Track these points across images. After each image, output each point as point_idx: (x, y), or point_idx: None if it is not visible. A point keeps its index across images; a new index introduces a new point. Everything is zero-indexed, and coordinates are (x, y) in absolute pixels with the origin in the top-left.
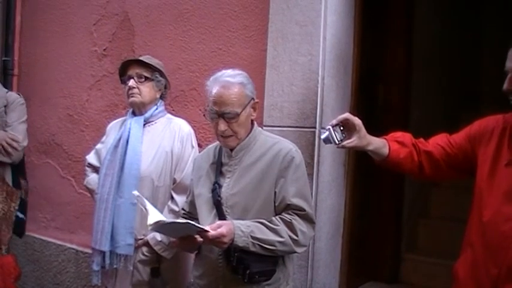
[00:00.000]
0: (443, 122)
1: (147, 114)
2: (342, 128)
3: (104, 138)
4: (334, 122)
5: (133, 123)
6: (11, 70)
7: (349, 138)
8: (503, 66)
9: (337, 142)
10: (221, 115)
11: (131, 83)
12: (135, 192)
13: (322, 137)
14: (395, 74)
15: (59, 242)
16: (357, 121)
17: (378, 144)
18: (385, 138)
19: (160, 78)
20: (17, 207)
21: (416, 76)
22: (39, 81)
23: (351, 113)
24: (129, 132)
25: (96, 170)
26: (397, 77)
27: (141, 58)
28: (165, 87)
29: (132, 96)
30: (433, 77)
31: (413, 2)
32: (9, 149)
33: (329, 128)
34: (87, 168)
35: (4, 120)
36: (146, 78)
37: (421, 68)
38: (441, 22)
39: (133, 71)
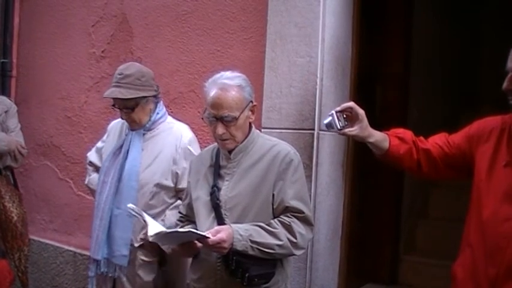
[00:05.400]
0: (441, 123)
1: (146, 126)
2: (345, 116)
3: (105, 137)
4: (338, 108)
5: (134, 134)
6: (9, 72)
7: (351, 127)
8: (502, 67)
9: (339, 128)
10: (219, 119)
11: (123, 115)
12: (130, 205)
13: (325, 122)
14: (394, 75)
15: (57, 244)
16: (360, 111)
17: (378, 137)
18: (386, 133)
19: (148, 97)
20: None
21: (415, 77)
22: (38, 82)
23: None
24: (129, 143)
25: (97, 169)
26: (396, 78)
27: (118, 96)
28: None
29: (129, 124)
30: (431, 77)
31: (412, 2)
32: (18, 156)
33: (332, 114)
34: (88, 167)
35: (6, 125)
36: (132, 108)
37: (419, 68)
38: (440, 23)
39: (116, 102)
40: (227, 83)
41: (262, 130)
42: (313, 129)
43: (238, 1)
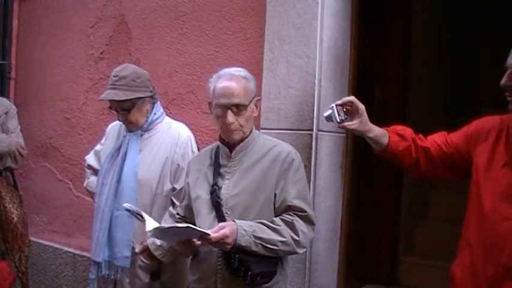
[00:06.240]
0: (441, 123)
1: (143, 127)
2: (345, 110)
3: (103, 140)
4: (339, 102)
5: (132, 135)
6: (8, 73)
7: (350, 121)
8: (502, 68)
9: (338, 121)
10: (229, 107)
11: (119, 117)
12: (126, 205)
13: (325, 114)
14: (393, 76)
15: (56, 246)
16: (361, 105)
17: (378, 132)
18: (386, 129)
19: (144, 98)
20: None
21: (414, 77)
22: (36, 84)
23: None
24: (127, 145)
25: (96, 172)
26: (395, 79)
27: (114, 98)
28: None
29: (126, 125)
30: (431, 77)
31: (411, 2)
32: (18, 157)
33: (332, 107)
34: (87, 170)
35: (6, 127)
36: (128, 109)
37: (418, 69)
38: (439, 23)
39: (113, 104)
40: (235, 74)
41: (261, 131)
42: (312, 130)
43: (237, 2)
